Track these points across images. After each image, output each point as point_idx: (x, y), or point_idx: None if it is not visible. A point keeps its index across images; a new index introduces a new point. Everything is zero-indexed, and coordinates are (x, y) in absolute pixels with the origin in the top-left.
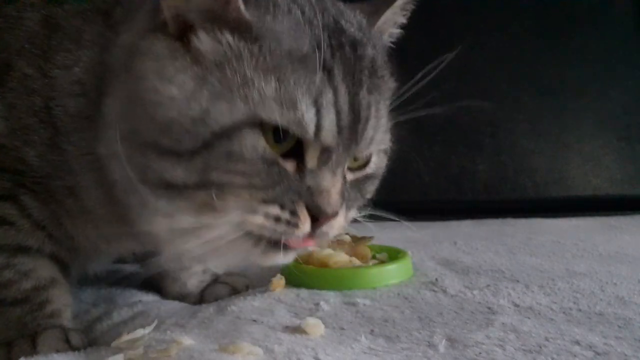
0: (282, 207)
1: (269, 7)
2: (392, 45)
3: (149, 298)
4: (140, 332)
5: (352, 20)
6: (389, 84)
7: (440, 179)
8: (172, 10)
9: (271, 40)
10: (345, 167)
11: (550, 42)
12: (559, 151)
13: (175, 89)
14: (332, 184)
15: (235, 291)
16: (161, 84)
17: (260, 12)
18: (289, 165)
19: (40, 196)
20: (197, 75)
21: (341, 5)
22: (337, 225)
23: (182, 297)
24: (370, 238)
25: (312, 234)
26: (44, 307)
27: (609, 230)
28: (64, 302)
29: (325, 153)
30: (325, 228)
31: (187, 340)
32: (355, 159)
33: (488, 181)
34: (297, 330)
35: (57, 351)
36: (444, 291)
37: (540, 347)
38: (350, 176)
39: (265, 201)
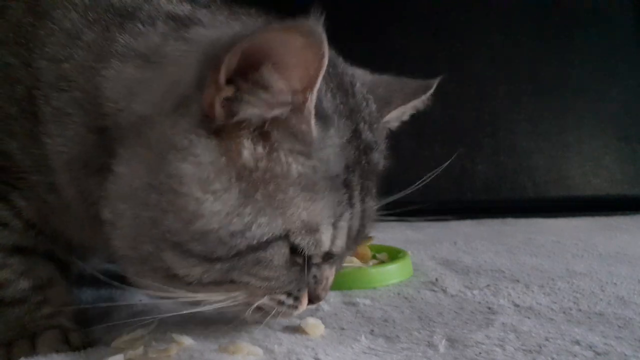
0: (289, 294)
1: (329, 121)
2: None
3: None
4: (140, 332)
5: (368, 117)
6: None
7: (440, 179)
8: (228, 107)
9: (321, 161)
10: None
11: (550, 42)
12: (559, 151)
13: (219, 204)
14: (330, 274)
15: None
16: (204, 196)
17: (321, 128)
18: (299, 260)
19: (24, 193)
20: (242, 191)
21: (360, 94)
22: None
23: None
24: (371, 238)
25: None
26: (42, 308)
27: (609, 231)
28: (62, 302)
29: (330, 255)
30: (311, 306)
31: (187, 340)
32: None
33: (488, 181)
34: (297, 330)
35: (57, 351)
36: (444, 291)
37: (540, 347)
38: (335, 267)
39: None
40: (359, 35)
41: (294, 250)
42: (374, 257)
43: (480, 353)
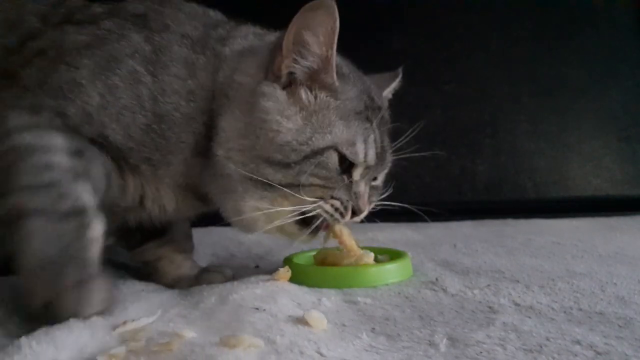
0: (342, 202)
1: (346, 79)
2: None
3: (151, 288)
4: (144, 321)
5: (376, 92)
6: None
7: (440, 180)
8: (289, 69)
9: (345, 101)
10: (370, 180)
11: (550, 43)
12: (559, 152)
13: (291, 123)
14: (365, 191)
15: (225, 278)
16: (282, 120)
17: (342, 81)
18: (345, 177)
19: (111, 155)
20: (304, 117)
21: (368, 79)
22: (362, 216)
23: (178, 279)
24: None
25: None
26: (88, 230)
27: (609, 231)
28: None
29: (366, 170)
30: (356, 218)
31: (189, 333)
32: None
33: (488, 182)
34: (300, 321)
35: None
36: (445, 290)
37: (541, 347)
38: (369, 186)
39: (333, 197)
40: (360, 37)
41: (342, 159)
42: (375, 258)
43: (481, 352)
